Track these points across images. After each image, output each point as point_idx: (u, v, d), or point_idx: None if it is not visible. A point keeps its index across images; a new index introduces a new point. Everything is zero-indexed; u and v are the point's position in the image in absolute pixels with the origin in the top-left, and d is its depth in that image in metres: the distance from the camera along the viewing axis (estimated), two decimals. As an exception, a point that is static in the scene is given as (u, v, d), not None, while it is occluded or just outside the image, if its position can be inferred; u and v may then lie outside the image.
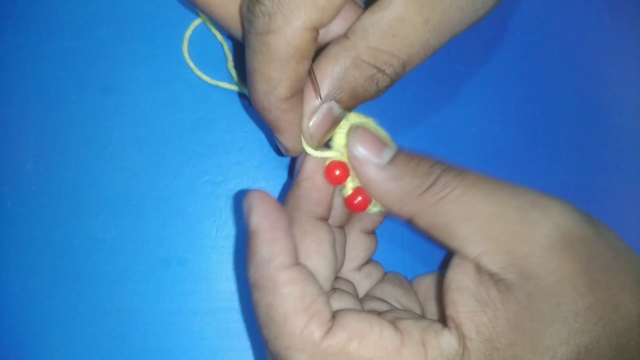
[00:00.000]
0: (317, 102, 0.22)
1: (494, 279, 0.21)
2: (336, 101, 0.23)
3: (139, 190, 0.29)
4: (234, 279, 0.29)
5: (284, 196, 0.24)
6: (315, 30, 0.21)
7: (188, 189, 0.30)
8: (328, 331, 0.20)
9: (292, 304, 0.20)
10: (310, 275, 0.21)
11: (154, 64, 0.30)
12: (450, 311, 0.22)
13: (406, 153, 0.23)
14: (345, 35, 0.22)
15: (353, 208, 0.24)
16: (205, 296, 0.29)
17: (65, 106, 0.30)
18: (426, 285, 0.28)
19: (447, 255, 0.30)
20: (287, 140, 0.23)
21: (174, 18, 0.30)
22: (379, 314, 0.23)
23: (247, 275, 0.21)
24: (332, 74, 0.22)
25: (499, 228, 0.21)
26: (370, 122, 0.24)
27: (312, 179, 0.24)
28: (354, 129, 0.23)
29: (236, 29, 0.23)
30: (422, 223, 0.22)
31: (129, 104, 0.30)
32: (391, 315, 0.23)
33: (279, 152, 0.29)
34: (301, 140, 0.24)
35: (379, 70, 0.22)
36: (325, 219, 0.24)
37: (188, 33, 0.30)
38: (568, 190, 0.31)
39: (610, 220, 0.31)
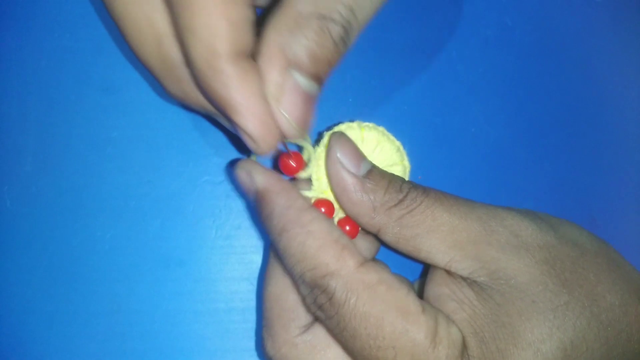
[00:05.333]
0: (275, 74, 0.20)
1: (467, 282, 0.23)
2: (298, 70, 0.20)
3: (138, 190, 0.29)
4: (234, 279, 0.29)
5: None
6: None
7: (188, 189, 0.30)
8: (361, 264, 0.21)
9: (322, 237, 0.21)
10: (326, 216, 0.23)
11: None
12: None
13: (380, 169, 0.24)
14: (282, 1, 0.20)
15: None
16: (205, 296, 0.29)
17: (65, 106, 0.30)
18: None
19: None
20: (248, 123, 0.20)
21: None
22: None
23: (269, 230, 0.22)
24: (280, 40, 0.20)
25: (463, 237, 0.23)
26: (381, 131, 0.25)
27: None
28: (337, 135, 0.24)
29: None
30: (390, 236, 0.23)
31: (129, 103, 0.30)
32: None
33: (246, 151, 0.27)
34: (267, 124, 0.20)
35: (325, 18, 0.20)
36: None
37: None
38: (568, 190, 0.31)
39: (610, 220, 0.31)
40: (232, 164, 0.30)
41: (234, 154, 0.30)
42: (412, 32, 0.31)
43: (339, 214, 0.25)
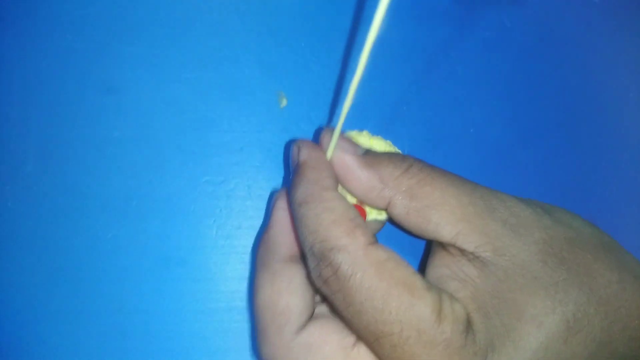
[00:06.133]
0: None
1: (469, 257, 0.23)
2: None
3: (139, 190, 0.29)
4: (234, 279, 0.29)
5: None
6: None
7: (188, 189, 0.30)
8: (371, 243, 0.22)
9: (339, 214, 0.22)
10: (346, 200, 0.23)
11: (155, 65, 0.30)
12: None
13: (376, 151, 0.25)
14: None
15: None
16: (205, 296, 0.29)
17: (66, 106, 0.30)
18: None
19: (424, 258, 0.30)
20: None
21: (175, 18, 0.30)
22: None
23: (292, 199, 0.23)
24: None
25: (470, 211, 0.23)
26: (386, 144, 0.26)
27: (280, 224, 0.25)
28: (325, 130, 0.25)
29: None
30: (400, 208, 0.24)
31: (130, 104, 0.30)
32: None
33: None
34: None
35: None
36: (295, 257, 0.25)
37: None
38: (568, 190, 0.31)
39: (610, 220, 0.31)
40: (232, 164, 0.30)
41: (234, 154, 0.30)
42: (412, 32, 0.31)
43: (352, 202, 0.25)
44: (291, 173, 0.25)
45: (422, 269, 0.25)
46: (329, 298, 0.22)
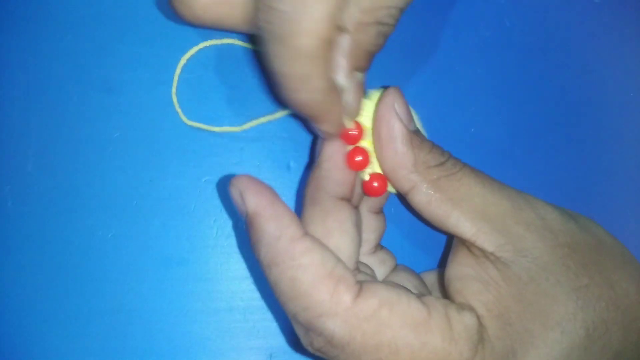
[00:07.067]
0: (343, 79, 0.22)
1: (490, 258, 0.22)
2: (357, 69, 0.23)
3: (139, 190, 0.29)
4: (235, 279, 0.30)
5: (284, 195, 0.24)
6: (334, 19, 0.20)
7: (189, 188, 0.30)
8: (358, 295, 0.20)
9: (315, 272, 0.20)
10: (322, 243, 0.21)
11: (155, 65, 0.30)
12: (458, 300, 0.22)
13: (424, 135, 0.25)
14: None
15: (370, 193, 0.25)
16: (206, 296, 0.29)
17: (67, 106, 0.30)
18: (431, 282, 0.28)
19: (444, 254, 0.30)
20: (330, 127, 0.23)
21: (176, 19, 0.30)
22: None
23: (258, 258, 0.21)
24: (344, 47, 0.22)
25: (493, 211, 0.23)
26: None
27: (333, 160, 0.24)
28: (395, 89, 0.24)
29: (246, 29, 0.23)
30: (422, 195, 0.23)
31: (130, 104, 0.30)
32: (415, 293, 0.23)
33: (312, 133, 0.30)
34: (342, 122, 0.23)
35: (382, 24, 0.22)
36: (347, 199, 0.24)
37: (178, 70, 0.30)
38: (568, 190, 0.31)
39: (611, 220, 0.31)
40: (232, 164, 0.30)
41: (234, 154, 0.30)
42: (411, 32, 0.31)
43: (373, 166, 0.25)
44: (241, 220, 0.23)
45: (443, 262, 0.25)
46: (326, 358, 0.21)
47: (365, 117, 0.25)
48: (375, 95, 0.25)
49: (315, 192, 0.23)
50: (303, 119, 0.27)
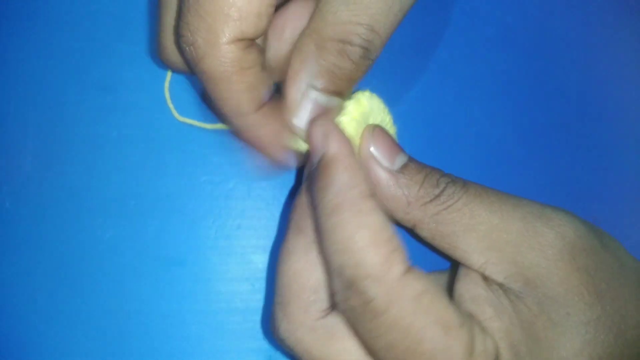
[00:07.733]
0: (298, 96, 0.22)
1: (502, 288, 0.22)
2: (319, 89, 0.21)
3: (138, 190, 0.29)
4: (233, 279, 0.29)
5: (282, 193, 0.24)
6: (244, 41, 0.20)
7: (187, 188, 0.30)
8: (407, 272, 0.19)
9: (375, 233, 0.19)
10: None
11: (154, 64, 0.30)
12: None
13: (417, 163, 0.23)
14: (307, 25, 0.22)
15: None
16: (204, 297, 0.29)
17: (65, 106, 0.30)
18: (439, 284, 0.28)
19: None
20: (274, 152, 0.23)
21: (174, 18, 0.30)
22: None
23: (319, 202, 0.20)
24: (302, 64, 0.21)
25: (502, 238, 0.21)
26: (379, 103, 0.24)
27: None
28: (371, 129, 0.23)
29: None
30: (426, 232, 0.23)
31: (129, 103, 0.30)
32: None
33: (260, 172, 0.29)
34: (280, 144, 0.23)
35: (345, 42, 0.21)
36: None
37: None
38: (568, 190, 0.31)
39: (611, 221, 0.31)
40: (231, 164, 0.30)
41: (234, 154, 0.30)
42: (412, 31, 0.31)
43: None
44: (311, 164, 0.22)
45: (452, 271, 0.24)
46: (349, 321, 0.20)
47: (348, 121, 0.23)
48: (360, 96, 0.23)
49: (301, 220, 0.22)
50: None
